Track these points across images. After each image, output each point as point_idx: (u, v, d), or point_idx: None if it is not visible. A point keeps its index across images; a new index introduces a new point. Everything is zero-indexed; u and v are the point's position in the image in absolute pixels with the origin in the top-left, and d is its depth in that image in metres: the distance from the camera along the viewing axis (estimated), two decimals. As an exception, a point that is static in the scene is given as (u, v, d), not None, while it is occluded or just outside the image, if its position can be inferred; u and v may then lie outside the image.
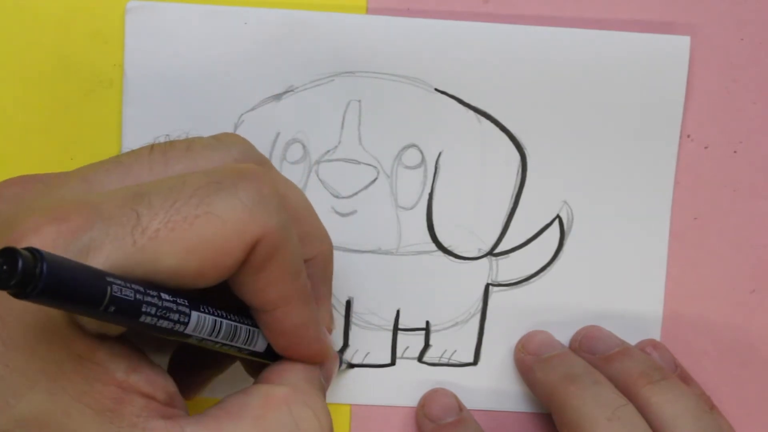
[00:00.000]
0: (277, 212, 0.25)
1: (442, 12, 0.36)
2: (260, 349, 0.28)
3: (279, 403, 0.26)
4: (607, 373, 0.34)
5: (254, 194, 0.24)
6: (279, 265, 0.25)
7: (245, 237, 0.24)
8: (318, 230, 0.30)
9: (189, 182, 0.24)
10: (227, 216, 0.23)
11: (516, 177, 0.36)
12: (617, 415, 0.32)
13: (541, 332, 0.37)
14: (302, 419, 0.26)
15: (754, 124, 0.37)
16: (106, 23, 0.35)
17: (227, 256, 0.24)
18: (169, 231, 0.23)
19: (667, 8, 0.36)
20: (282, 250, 0.25)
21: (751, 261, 0.37)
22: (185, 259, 0.23)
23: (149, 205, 0.23)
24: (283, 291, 0.26)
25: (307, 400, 0.27)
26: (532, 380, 0.36)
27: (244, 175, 0.25)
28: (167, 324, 0.23)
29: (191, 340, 0.25)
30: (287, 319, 0.26)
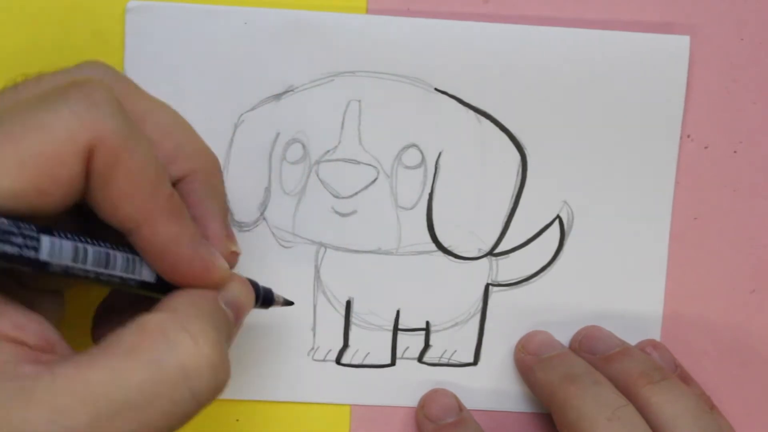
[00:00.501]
0: (113, 116, 0.24)
1: (442, 12, 0.36)
2: (150, 278, 0.27)
3: (153, 331, 0.24)
4: (607, 373, 0.34)
5: (83, 100, 0.23)
6: (126, 173, 0.24)
7: (77, 144, 0.23)
8: (194, 144, 0.29)
9: (20, 102, 0.23)
10: (53, 125, 0.23)
11: (516, 177, 0.36)
12: (617, 415, 0.32)
13: (541, 332, 0.37)
14: (177, 344, 0.24)
15: (754, 124, 0.37)
16: (106, 23, 0.35)
17: (62, 167, 0.23)
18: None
19: (666, 8, 0.36)
20: (126, 157, 0.24)
21: (751, 261, 0.37)
22: (18, 175, 0.22)
23: None
24: (141, 204, 0.25)
25: (186, 324, 0.24)
26: (532, 380, 0.36)
27: (75, 85, 0.24)
28: (12, 249, 0.22)
29: (55, 270, 0.24)
30: (155, 237, 0.25)
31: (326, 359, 0.37)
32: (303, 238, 0.36)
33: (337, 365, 0.37)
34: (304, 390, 0.37)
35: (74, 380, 0.23)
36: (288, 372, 0.36)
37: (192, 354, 0.24)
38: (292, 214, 0.36)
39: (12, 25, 0.35)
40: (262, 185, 0.35)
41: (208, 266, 0.27)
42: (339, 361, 0.37)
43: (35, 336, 0.24)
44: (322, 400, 0.37)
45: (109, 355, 0.23)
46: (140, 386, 0.23)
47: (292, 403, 0.37)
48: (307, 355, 0.36)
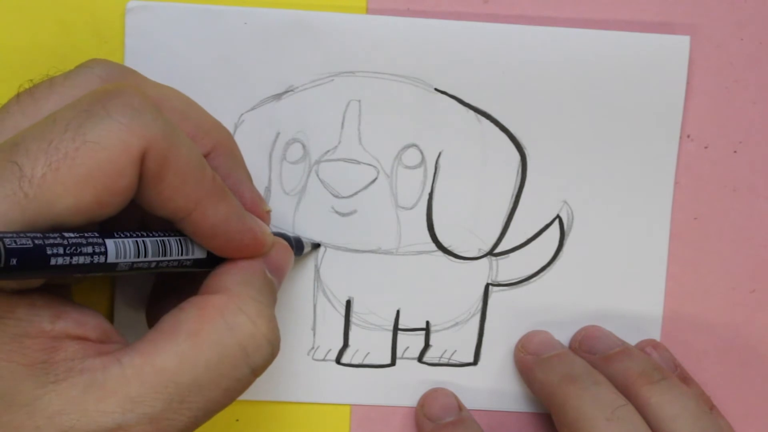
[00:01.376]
0: (155, 119, 0.24)
1: (442, 12, 0.36)
2: (201, 255, 0.28)
3: (212, 314, 0.26)
4: (606, 373, 0.34)
5: (126, 109, 0.24)
6: (175, 169, 0.25)
7: (130, 154, 0.23)
8: (208, 121, 0.29)
9: (59, 118, 0.24)
10: (105, 140, 0.23)
11: (516, 177, 0.36)
12: (617, 415, 0.32)
13: (541, 332, 0.37)
14: (237, 326, 0.26)
15: (754, 124, 0.37)
16: (106, 23, 0.35)
17: (119, 177, 0.23)
18: (54, 172, 0.23)
19: (667, 8, 0.36)
20: (173, 154, 0.25)
21: (751, 261, 0.37)
22: (79, 193, 0.23)
23: (27, 153, 0.23)
24: (190, 193, 0.25)
25: (243, 306, 0.26)
26: (532, 380, 0.36)
27: (111, 93, 0.24)
28: (84, 259, 0.23)
29: (123, 268, 0.25)
30: (206, 219, 0.26)
31: (326, 359, 0.37)
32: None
33: (337, 365, 0.37)
34: (304, 390, 0.37)
35: (143, 368, 0.24)
36: (288, 372, 0.36)
37: (251, 334, 0.26)
38: (292, 214, 0.36)
39: (12, 25, 0.35)
40: (262, 185, 0.35)
41: (257, 237, 0.28)
42: (339, 360, 0.37)
43: (95, 330, 0.25)
44: (322, 400, 0.37)
45: (172, 340, 0.25)
46: (206, 368, 0.25)
47: (292, 403, 0.37)
48: (307, 354, 0.36)
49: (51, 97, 0.26)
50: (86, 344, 0.24)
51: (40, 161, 0.23)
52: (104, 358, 0.24)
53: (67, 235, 0.23)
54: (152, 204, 0.25)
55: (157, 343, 0.25)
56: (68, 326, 0.24)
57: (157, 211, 0.26)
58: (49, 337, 0.23)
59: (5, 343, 0.23)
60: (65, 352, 0.24)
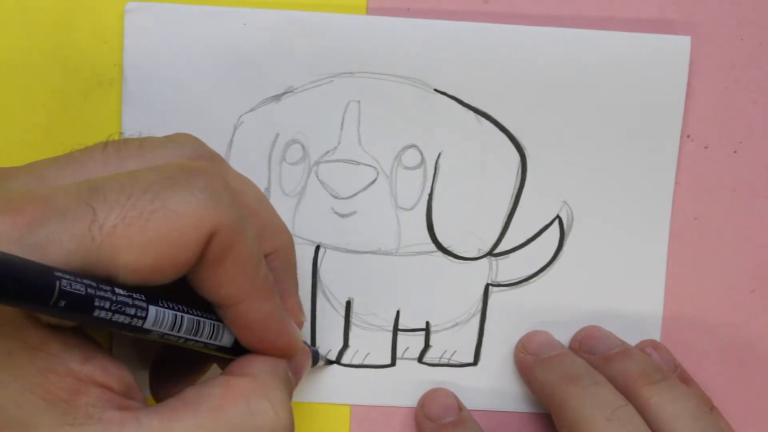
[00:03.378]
0: (231, 206, 0.25)
1: (442, 12, 0.36)
2: (228, 344, 0.28)
3: (237, 394, 0.26)
4: (606, 374, 0.34)
5: (207, 189, 0.24)
6: (236, 258, 0.25)
7: (200, 231, 0.24)
8: (276, 224, 0.30)
9: (142, 178, 0.24)
10: (182, 210, 0.24)
11: (516, 177, 0.36)
12: (617, 416, 0.32)
13: (541, 332, 0.37)
14: (259, 411, 0.26)
15: (754, 124, 0.37)
16: (106, 23, 0.35)
17: (183, 250, 0.24)
18: (125, 227, 0.23)
19: (667, 8, 0.36)
20: (238, 244, 0.25)
21: (751, 261, 0.37)
22: (142, 254, 0.23)
23: (104, 200, 0.23)
24: (243, 285, 0.26)
25: (267, 393, 0.26)
26: (532, 380, 0.36)
27: (196, 170, 0.25)
28: (124, 319, 0.23)
29: (153, 336, 0.25)
30: (249, 313, 0.27)
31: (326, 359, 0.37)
32: (303, 238, 0.36)
33: (337, 365, 0.37)
34: (304, 390, 0.37)
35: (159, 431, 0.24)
36: (288, 372, 0.36)
37: (272, 422, 0.26)
38: (291, 215, 0.36)
39: (12, 25, 0.35)
40: (261, 186, 0.35)
41: (292, 341, 0.29)
42: (339, 361, 0.37)
43: (119, 382, 0.25)
44: (322, 400, 0.37)
45: (194, 411, 0.25)
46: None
47: (292, 403, 0.37)
48: (307, 355, 0.37)
49: (137, 159, 0.26)
50: (109, 394, 0.24)
51: (115, 212, 0.23)
52: (124, 412, 0.24)
53: (117, 291, 0.23)
54: (203, 286, 0.26)
55: (178, 410, 0.25)
56: (95, 372, 0.24)
57: (206, 293, 0.26)
58: (75, 378, 0.23)
59: (32, 375, 0.23)
60: (88, 397, 0.23)
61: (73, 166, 0.26)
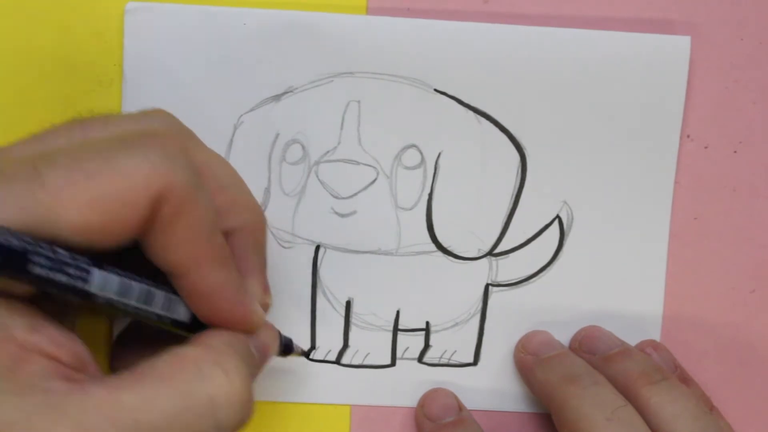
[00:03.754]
0: (184, 169, 0.25)
1: (442, 12, 0.36)
2: (185, 318, 0.27)
3: (188, 362, 0.25)
4: (606, 374, 0.34)
5: (159, 151, 0.24)
6: (187, 223, 0.25)
7: (149, 190, 0.24)
8: (245, 200, 0.30)
9: (95, 143, 0.24)
10: (129, 170, 0.24)
11: (516, 177, 0.36)
12: (616, 416, 0.32)
13: (541, 332, 0.37)
14: (210, 377, 0.25)
15: (754, 124, 0.37)
16: (106, 23, 0.35)
17: (130, 209, 0.24)
18: (70, 185, 0.23)
19: (667, 8, 0.36)
20: (189, 208, 0.25)
21: (751, 261, 0.37)
22: (87, 213, 0.23)
23: (53, 163, 0.23)
24: (195, 251, 0.25)
25: (220, 360, 0.25)
26: (531, 380, 0.36)
27: (151, 134, 0.25)
28: (64, 278, 0.23)
29: (100, 301, 0.25)
30: (202, 282, 0.26)
31: (326, 359, 0.37)
32: (302, 238, 0.36)
33: (337, 365, 0.37)
34: (304, 390, 0.37)
35: (105, 401, 0.23)
36: (288, 372, 0.36)
37: (223, 387, 0.25)
38: (291, 215, 0.36)
39: (12, 25, 0.35)
40: (261, 186, 0.35)
41: (248, 313, 0.28)
42: (339, 361, 0.37)
43: (69, 354, 0.24)
44: (322, 401, 0.37)
45: (142, 380, 0.24)
46: (169, 413, 0.24)
47: (292, 403, 0.37)
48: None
49: (101, 132, 0.26)
50: (57, 365, 0.24)
51: (61, 173, 0.23)
52: (70, 383, 0.23)
53: (57, 250, 0.23)
54: (155, 252, 0.25)
55: (126, 380, 0.24)
56: (42, 342, 0.24)
57: (157, 260, 0.26)
58: (19, 346, 0.23)
59: None
60: (33, 366, 0.23)
61: (37, 142, 0.26)
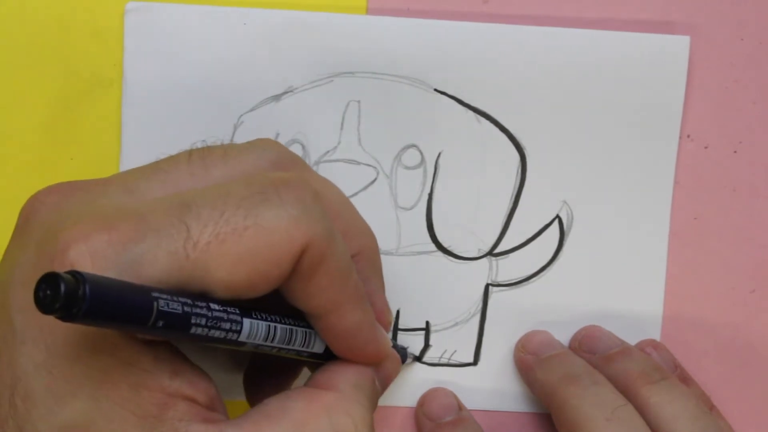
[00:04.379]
0: (322, 219, 0.25)
1: (442, 12, 0.36)
2: (319, 350, 0.28)
3: (319, 409, 0.25)
4: (606, 373, 0.34)
5: (298, 203, 0.24)
6: (327, 270, 0.25)
7: (293, 247, 0.24)
8: (359, 225, 0.30)
9: (234, 192, 0.24)
10: (274, 226, 0.23)
11: (516, 177, 0.36)
12: (616, 415, 0.32)
13: (541, 332, 0.37)
14: (340, 427, 0.25)
15: (754, 124, 0.37)
16: (106, 23, 0.35)
17: (276, 266, 0.24)
18: (219, 243, 0.23)
19: (667, 8, 0.36)
20: (329, 256, 0.25)
21: (751, 261, 0.37)
22: (235, 270, 0.23)
23: (198, 216, 0.23)
24: (334, 295, 0.26)
25: (350, 409, 0.26)
26: (532, 380, 0.36)
27: (286, 183, 0.25)
28: (220, 333, 0.23)
29: (247, 347, 0.25)
30: (341, 323, 0.26)
31: (326, 359, 0.37)
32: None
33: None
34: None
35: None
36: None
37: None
38: (291, 215, 0.36)
39: (12, 25, 0.35)
40: (261, 186, 0.35)
41: (381, 348, 0.28)
42: (339, 361, 0.37)
43: (204, 395, 0.24)
44: (322, 400, 0.37)
45: (276, 425, 0.25)
46: None
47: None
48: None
49: (222, 168, 0.26)
50: (195, 407, 0.24)
51: (209, 229, 0.23)
52: (209, 425, 0.24)
53: (212, 307, 0.23)
54: (295, 297, 0.26)
55: (260, 424, 0.25)
56: (183, 386, 0.24)
57: (297, 303, 0.26)
58: (164, 392, 0.23)
59: (124, 391, 0.23)
60: (175, 411, 0.23)
61: (161, 176, 0.26)
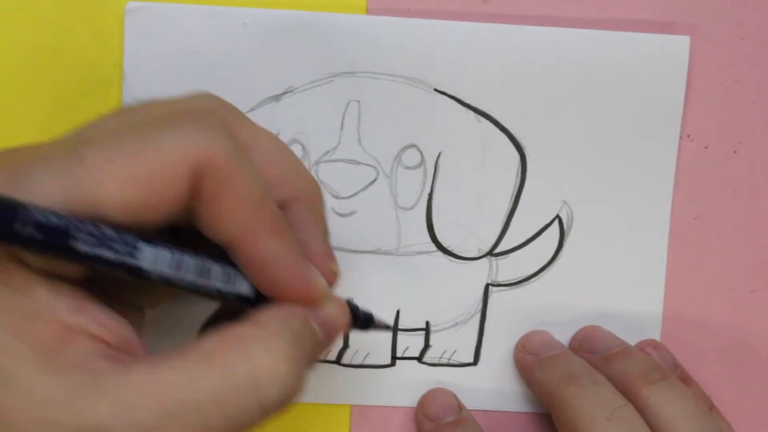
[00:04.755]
0: (223, 141, 0.25)
1: (442, 12, 0.36)
2: (248, 293, 0.27)
3: (234, 342, 0.24)
4: (606, 373, 0.34)
5: (198, 126, 0.24)
6: (233, 193, 0.25)
7: (186, 165, 0.24)
8: (296, 169, 0.29)
9: (136, 121, 0.24)
10: (167, 146, 0.24)
11: (516, 177, 0.36)
12: (616, 416, 0.32)
13: (541, 332, 0.37)
14: (253, 355, 0.24)
15: (754, 124, 0.37)
16: (106, 23, 0.35)
17: (171, 185, 0.24)
18: (109, 164, 0.23)
19: (667, 8, 0.36)
20: (234, 178, 0.25)
21: (751, 261, 0.37)
22: (127, 190, 0.23)
23: (91, 143, 0.23)
24: (245, 221, 0.25)
25: (269, 341, 0.25)
26: (531, 380, 0.36)
27: (190, 111, 0.25)
28: (111, 255, 0.23)
29: (154, 279, 0.25)
30: (255, 252, 0.26)
31: (326, 359, 0.37)
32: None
33: (337, 365, 0.37)
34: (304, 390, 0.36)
35: (146, 379, 0.23)
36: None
37: (264, 366, 0.24)
38: (291, 215, 0.36)
39: (12, 25, 0.35)
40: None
41: (306, 284, 0.27)
42: (339, 361, 0.37)
43: (116, 336, 0.24)
44: (322, 400, 0.37)
45: (184, 358, 0.24)
46: (210, 391, 0.24)
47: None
48: (307, 355, 0.37)
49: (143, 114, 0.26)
50: (102, 346, 0.24)
51: (100, 152, 0.23)
52: (113, 363, 0.24)
53: (101, 226, 0.23)
54: (206, 224, 0.25)
55: (170, 359, 0.24)
56: (87, 322, 0.24)
57: (209, 232, 0.26)
58: (63, 326, 0.23)
59: (17, 320, 0.23)
60: (77, 347, 0.23)
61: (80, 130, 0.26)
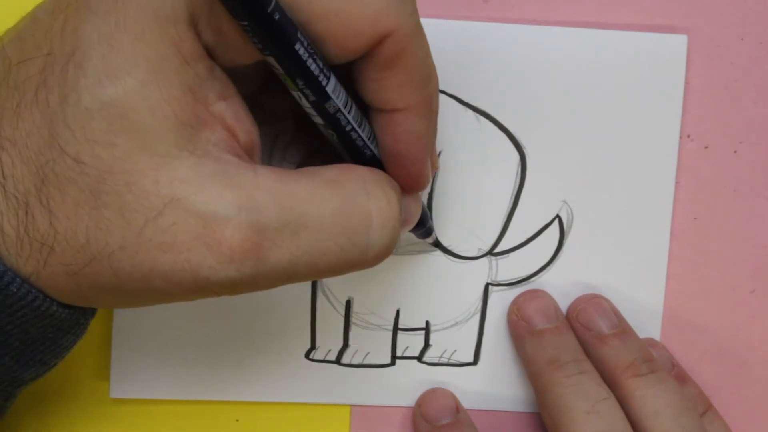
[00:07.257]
0: (413, 14, 0.25)
1: (442, 12, 0.36)
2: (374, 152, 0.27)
3: (355, 175, 0.25)
4: (597, 355, 0.34)
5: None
6: (406, 65, 0.25)
7: (377, 27, 0.24)
8: None
9: None
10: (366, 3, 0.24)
11: (516, 177, 0.36)
12: (597, 409, 0.32)
13: (539, 295, 0.36)
14: (374, 195, 0.25)
15: (754, 124, 0.37)
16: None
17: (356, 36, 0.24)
18: None
19: (667, 9, 0.36)
20: (411, 52, 0.25)
21: (751, 261, 0.37)
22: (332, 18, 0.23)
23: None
24: (408, 94, 0.26)
25: (383, 184, 0.26)
26: (521, 349, 0.35)
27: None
28: (314, 68, 0.24)
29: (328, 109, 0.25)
30: (405, 124, 0.26)
31: (326, 359, 0.37)
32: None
33: (337, 365, 0.37)
34: (304, 390, 0.37)
35: (274, 185, 0.23)
36: (288, 372, 0.36)
37: (383, 209, 0.25)
38: (291, 214, 0.36)
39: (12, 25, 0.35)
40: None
41: (425, 169, 0.28)
42: (339, 360, 0.37)
43: (246, 135, 0.25)
44: (321, 401, 0.37)
45: (310, 178, 0.24)
46: (333, 212, 0.24)
47: (292, 403, 0.37)
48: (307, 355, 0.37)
49: None
50: (232, 141, 0.24)
51: None
52: (242, 161, 0.24)
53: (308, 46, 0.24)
54: (369, 87, 0.25)
55: (295, 175, 0.24)
56: (227, 112, 0.24)
57: (370, 95, 0.26)
58: (207, 107, 0.23)
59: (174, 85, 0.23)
60: (212, 134, 0.23)
61: None
